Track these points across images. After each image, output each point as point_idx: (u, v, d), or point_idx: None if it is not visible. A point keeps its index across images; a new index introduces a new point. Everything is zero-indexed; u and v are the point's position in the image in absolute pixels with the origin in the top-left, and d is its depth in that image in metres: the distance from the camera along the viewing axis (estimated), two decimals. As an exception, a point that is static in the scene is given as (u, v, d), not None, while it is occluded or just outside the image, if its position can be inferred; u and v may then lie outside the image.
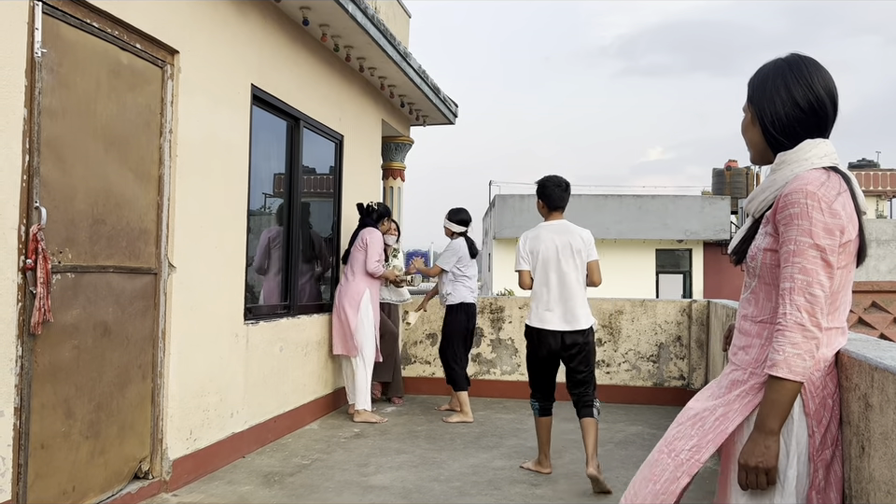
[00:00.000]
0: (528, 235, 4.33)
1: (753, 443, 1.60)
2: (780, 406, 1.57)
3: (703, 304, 6.64)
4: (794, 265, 1.58)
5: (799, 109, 1.69)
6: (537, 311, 4.25)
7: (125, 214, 3.52)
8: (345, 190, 6.42)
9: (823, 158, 1.66)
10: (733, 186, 23.44)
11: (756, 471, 1.58)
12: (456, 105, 8.65)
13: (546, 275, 4.24)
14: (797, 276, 1.57)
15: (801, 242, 1.57)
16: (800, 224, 1.57)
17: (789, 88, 1.70)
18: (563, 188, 4.35)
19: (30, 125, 2.91)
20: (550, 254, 4.24)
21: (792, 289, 1.58)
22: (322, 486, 4.01)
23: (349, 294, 5.75)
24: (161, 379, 3.80)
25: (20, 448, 2.88)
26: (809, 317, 1.55)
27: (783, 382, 1.56)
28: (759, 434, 1.59)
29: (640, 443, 5.16)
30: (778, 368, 1.56)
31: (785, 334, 1.57)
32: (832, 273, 1.57)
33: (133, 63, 3.56)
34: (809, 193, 1.58)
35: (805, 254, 1.57)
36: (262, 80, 4.82)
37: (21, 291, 2.87)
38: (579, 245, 4.24)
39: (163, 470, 3.80)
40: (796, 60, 1.73)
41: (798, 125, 1.70)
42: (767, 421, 1.58)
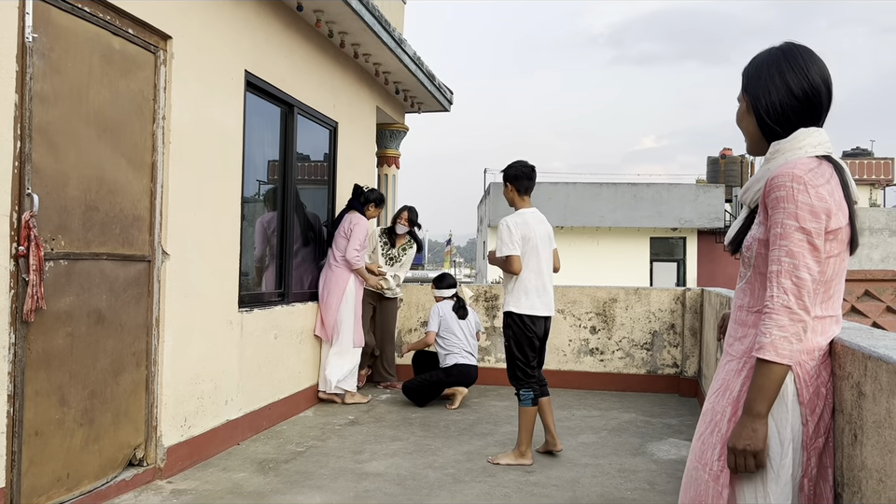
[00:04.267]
0: (516, 221, 4.30)
1: (741, 427, 1.60)
2: (768, 389, 1.57)
3: (697, 292, 6.66)
4: (781, 248, 1.58)
5: (794, 98, 1.68)
6: (527, 298, 4.25)
7: (118, 201, 3.50)
8: (339, 178, 6.40)
9: (817, 147, 1.66)
10: (727, 174, 23.44)
11: (744, 454, 1.58)
12: (451, 92, 8.61)
13: (537, 262, 4.27)
14: (784, 259, 1.57)
15: (787, 225, 1.57)
16: (786, 207, 1.58)
17: (784, 76, 1.69)
18: (530, 170, 4.43)
19: (21, 111, 2.88)
20: (538, 241, 4.28)
21: (779, 272, 1.58)
22: (317, 473, 4.03)
23: (333, 281, 5.75)
24: (155, 366, 3.79)
25: (13, 435, 2.87)
26: (796, 300, 1.55)
27: (770, 365, 1.56)
28: (746, 417, 1.60)
29: (634, 430, 5.19)
30: (765, 351, 1.56)
31: (772, 317, 1.57)
32: (819, 257, 1.57)
33: (125, 48, 3.53)
34: (795, 177, 1.58)
35: (791, 237, 1.57)
36: (256, 66, 4.79)
37: (13, 278, 2.85)
38: (551, 234, 4.44)
39: (158, 457, 3.80)
40: (791, 48, 1.73)
41: (793, 114, 1.69)
42: (755, 405, 1.58)
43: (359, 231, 5.74)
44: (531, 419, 4.27)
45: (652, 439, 4.96)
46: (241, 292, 4.66)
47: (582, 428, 5.22)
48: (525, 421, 4.27)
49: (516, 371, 4.30)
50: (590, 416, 5.64)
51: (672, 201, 21.32)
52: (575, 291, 6.87)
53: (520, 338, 4.27)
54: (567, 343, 6.81)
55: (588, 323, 6.86)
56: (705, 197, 21.35)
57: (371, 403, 5.96)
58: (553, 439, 4.43)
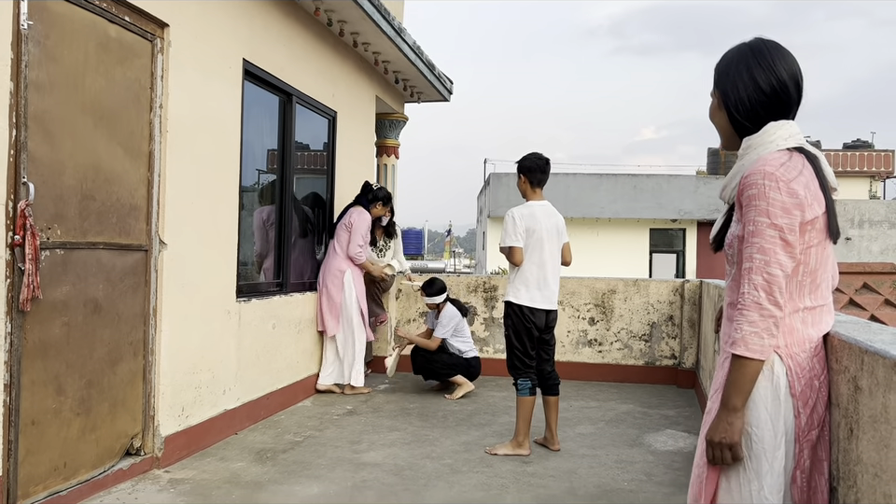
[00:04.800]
0: (522, 213, 4.29)
1: (717, 420, 1.63)
2: (741, 384, 1.60)
3: (695, 284, 6.65)
4: (753, 245, 1.60)
5: (762, 93, 1.71)
6: (527, 290, 4.25)
7: (115, 190, 3.48)
8: (338, 167, 6.38)
9: (788, 139, 1.68)
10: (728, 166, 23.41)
11: (720, 447, 1.62)
12: (451, 82, 8.57)
13: (540, 255, 4.26)
14: (755, 256, 1.60)
15: (759, 222, 1.59)
16: (758, 205, 1.60)
17: (751, 72, 1.72)
18: (545, 163, 4.40)
19: (16, 99, 2.86)
20: (543, 234, 4.27)
21: (751, 269, 1.60)
22: (314, 463, 4.03)
23: (331, 272, 5.78)
24: (152, 356, 3.79)
25: (10, 425, 2.87)
26: (767, 296, 1.57)
27: (742, 360, 1.59)
28: (723, 411, 1.63)
29: (631, 422, 5.19)
30: (737, 346, 1.60)
31: (743, 313, 1.60)
32: (792, 252, 1.59)
33: (121, 36, 3.50)
34: (767, 174, 1.60)
35: (762, 234, 1.59)
36: (254, 55, 4.76)
37: (9, 268, 2.84)
38: (561, 228, 4.43)
39: (155, 447, 3.80)
40: (759, 44, 1.75)
41: (762, 109, 1.71)
42: (730, 399, 1.62)
43: (361, 226, 5.75)
44: (529, 409, 4.27)
45: (650, 430, 4.97)
46: (239, 282, 4.65)
47: (580, 419, 5.22)
48: (523, 411, 4.27)
49: (514, 361, 4.30)
50: (588, 407, 5.65)
51: (672, 192, 21.31)
52: (574, 282, 6.86)
53: (518, 328, 4.27)
54: (565, 333, 6.81)
55: (587, 314, 6.86)
56: (705, 188, 21.33)
57: (369, 394, 5.97)
58: (553, 437, 4.42)
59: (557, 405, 4.45)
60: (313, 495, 3.53)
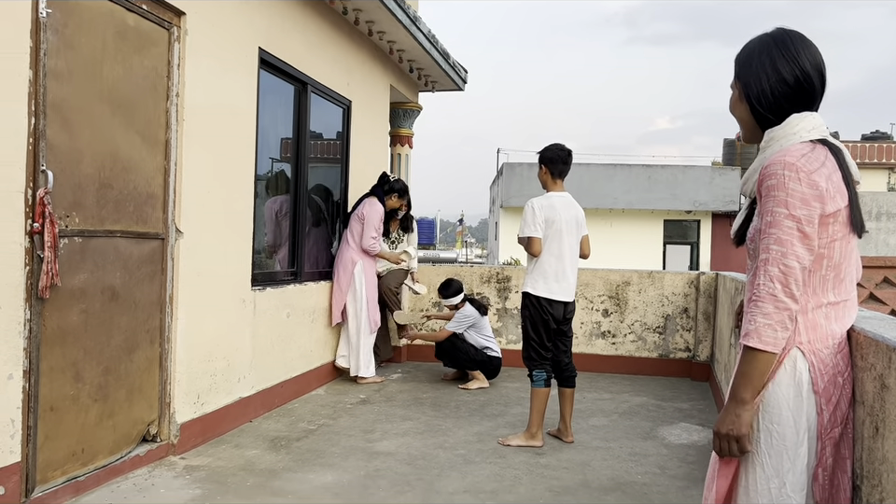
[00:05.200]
0: (542, 203, 4.27)
1: (725, 412, 1.62)
2: (752, 377, 1.58)
3: (711, 276, 6.61)
4: (770, 236, 1.58)
5: (785, 85, 1.67)
6: (545, 281, 4.24)
7: (132, 178, 3.49)
8: (353, 156, 6.37)
9: (812, 131, 1.65)
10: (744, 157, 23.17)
11: (728, 439, 1.61)
12: (466, 71, 8.52)
13: (559, 247, 4.24)
14: (772, 247, 1.57)
15: (777, 213, 1.57)
16: (776, 195, 1.57)
17: (774, 63, 1.68)
18: (567, 154, 4.37)
19: (35, 87, 2.87)
20: (562, 226, 4.24)
21: (767, 260, 1.58)
22: (328, 451, 4.05)
23: (343, 262, 5.80)
24: (168, 344, 3.81)
25: (29, 410, 2.90)
26: (783, 288, 1.55)
27: (755, 352, 1.57)
28: (731, 403, 1.61)
29: (645, 414, 5.18)
30: (750, 338, 1.57)
31: (758, 304, 1.57)
32: (810, 245, 1.56)
33: (139, 24, 3.50)
34: (787, 164, 1.57)
35: (780, 225, 1.56)
36: (270, 44, 4.75)
37: (28, 255, 2.86)
38: (581, 220, 4.40)
39: (171, 434, 3.83)
40: (782, 34, 1.71)
41: (785, 101, 1.68)
42: (739, 391, 1.60)
43: (374, 217, 5.77)
44: (543, 401, 4.26)
45: (664, 423, 4.95)
46: (254, 271, 4.67)
47: (593, 411, 5.21)
48: (537, 402, 4.26)
49: (530, 352, 4.30)
50: (601, 399, 5.64)
51: (687, 183, 21.14)
52: (588, 274, 6.83)
53: (535, 319, 4.26)
54: (579, 325, 6.79)
55: (600, 306, 6.83)
56: (720, 179, 21.15)
57: (382, 383, 5.98)
58: (566, 429, 4.41)
59: (573, 397, 4.44)
60: (327, 483, 3.55)
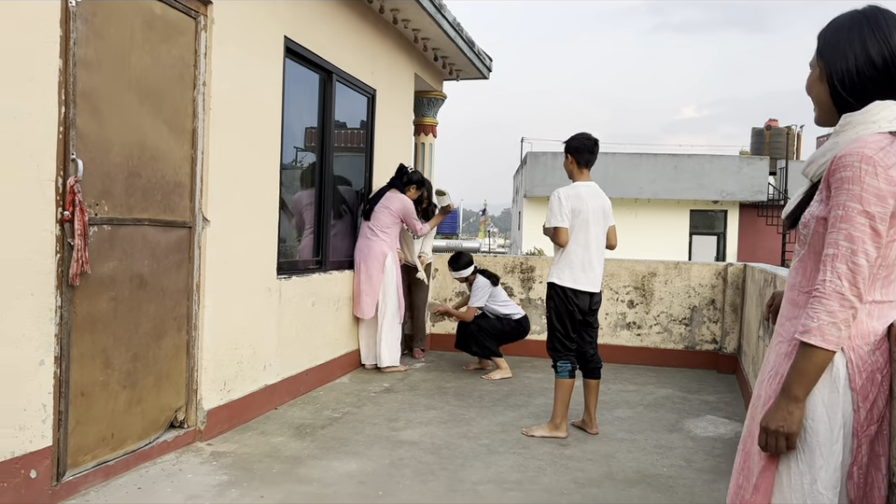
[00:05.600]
0: (568, 193, 4.22)
1: (776, 407, 1.56)
2: (808, 374, 1.53)
3: (739, 268, 6.51)
4: (840, 231, 1.51)
5: (873, 67, 1.58)
6: (571, 271, 4.20)
7: (160, 167, 3.52)
8: (377, 146, 6.37)
9: (893, 121, 1.56)
10: (772, 146, 22.80)
11: (776, 435, 1.55)
12: (491, 59, 8.46)
13: (585, 237, 4.20)
14: (842, 243, 1.50)
15: (850, 207, 1.50)
16: (850, 189, 1.50)
17: (864, 43, 1.58)
18: (593, 144, 4.32)
19: (65, 76, 2.90)
20: (589, 216, 4.20)
21: (836, 256, 1.51)
22: (352, 440, 4.07)
23: (373, 253, 5.77)
24: (195, 331, 3.85)
25: (60, 396, 2.95)
26: (850, 286, 1.49)
27: (814, 349, 1.51)
28: (783, 399, 1.55)
29: (671, 406, 5.13)
30: (811, 335, 1.51)
31: (822, 301, 1.51)
32: (879, 242, 1.50)
33: (166, 13, 3.52)
34: (864, 157, 1.49)
35: (852, 220, 1.49)
36: (295, 33, 4.75)
37: (59, 243, 2.90)
38: (608, 210, 4.36)
39: (198, 420, 3.88)
40: (875, 12, 1.61)
41: (870, 84, 1.59)
42: (793, 387, 1.54)
43: (410, 209, 5.95)
44: (567, 392, 4.24)
45: (689, 415, 4.90)
46: (279, 259, 4.69)
47: (618, 403, 5.18)
48: (562, 393, 4.24)
49: (555, 343, 4.27)
50: (626, 391, 5.60)
51: (714, 172, 20.86)
52: (613, 264, 6.77)
53: (560, 309, 4.23)
54: (603, 316, 6.74)
55: (626, 297, 6.77)
56: (748, 169, 20.83)
57: (406, 372, 6.00)
58: (591, 421, 4.39)
59: (598, 389, 4.42)
60: (351, 471, 3.57)
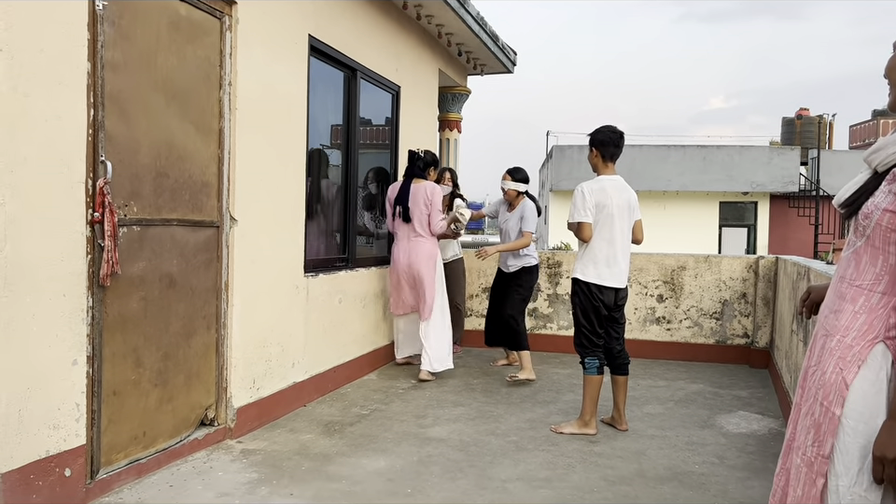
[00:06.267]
0: (592, 187, 4.15)
1: (888, 434, 1.44)
2: None
3: (771, 261, 6.39)
4: None
5: None
6: (595, 267, 4.15)
7: (187, 167, 3.55)
8: (402, 142, 6.36)
9: None
10: (803, 136, 22.34)
11: (894, 464, 1.43)
12: (515, 53, 8.41)
13: (610, 231, 4.14)
14: None
15: None
16: None
17: None
18: (619, 137, 4.22)
19: (93, 79, 2.93)
20: (614, 210, 4.13)
21: None
22: (381, 437, 4.08)
23: (423, 255, 5.46)
24: (224, 330, 3.88)
25: (93, 395, 2.99)
26: None
27: None
28: (893, 423, 1.44)
29: (702, 402, 5.05)
30: None
31: None
32: None
33: (191, 14, 3.54)
34: None
35: None
36: (319, 31, 4.75)
37: (89, 244, 2.94)
38: (634, 204, 4.27)
39: (228, 418, 3.91)
40: None
41: None
42: None
43: (438, 200, 5.54)
44: (596, 388, 4.20)
45: (721, 411, 4.82)
46: (306, 257, 4.71)
47: (648, 399, 5.12)
48: (590, 390, 4.20)
49: (582, 339, 4.23)
50: (656, 386, 5.53)
51: (744, 164, 20.51)
52: (642, 258, 6.69)
53: (585, 305, 4.18)
54: (632, 311, 6.67)
55: (655, 291, 6.69)
56: (779, 160, 20.44)
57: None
58: (620, 417, 4.34)
59: (626, 385, 4.36)
60: (380, 468, 3.57)
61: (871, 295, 1.52)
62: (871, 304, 1.52)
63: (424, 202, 5.45)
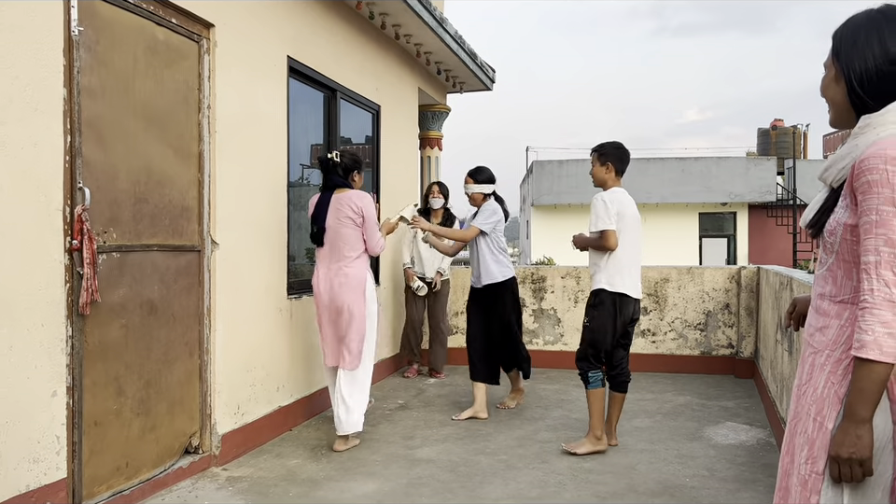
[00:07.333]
0: (612, 197, 4.07)
1: (844, 433, 1.48)
2: (871, 391, 1.45)
3: (753, 271, 6.44)
4: (878, 237, 1.45)
5: (893, 65, 1.53)
6: (621, 277, 4.06)
7: (167, 192, 3.51)
8: (383, 161, 6.35)
9: None
10: (779, 146, 22.69)
11: (850, 463, 1.47)
12: (493, 71, 8.46)
13: (629, 241, 4.08)
14: (882, 249, 1.45)
15: (883, 211, 1.44)
16: (880, 192, 1.45)
17: (884, 42, 1.54)
18: (629, 155, 4.24)
19: (70, 105, 2.89)
20: (630, 221, 4.09)
21: (878, 263, 1.45)
22: (369, 460, 4.02)
23: (350, 283, 4.18)
24: (207, 355, 3.82)
25: (73, 426, 2.92)
26: None
27: (872, 364, 1.44)
28: (849, 423, 1.47)
29: (690, 414, 5.05)
30: (868, 349, 1.44)
31: (873, 312, 1.44)
32: None
33: (168, 38, 3.52)
34: (889, 158, 1.45)
35: (889, 224, 1.44)
36: (298, 52, 4.75)
37: (68, 272, 2.89)
38: (639, 218, 4.23)
39: (213, 445, 3.84)
40: (892, 10, 1.57)
41: (890, 84, 1.54)
42: (858, 409, 1.46)
43: (372, 209, 4.29)
44: (601, 401, 4.11)
45: (709, 423, 4.83)
46: (289, 279, 4.67)
47: (636, 412, 5.11)
48: (597, 404, 4.10)
49: (588, 353, 4.11)
50: (643, 399, 5.52)
51: (721, 175, 20.77)
52: (625, 271, 6.71)
53: (605, 318, 4.06)
54: (617, 324, 6.67)
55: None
56: (755, 170, 20.73)
57: (420, 387, 5.94)
58: (611, 432, 4.29)
59: (622, 402, 4.30)
60: (369, 492, 3.52)
61: (854, 308, 1.53)
62: (856, 316, 1.53)
63: (349, 215, 4.20)
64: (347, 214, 4.20)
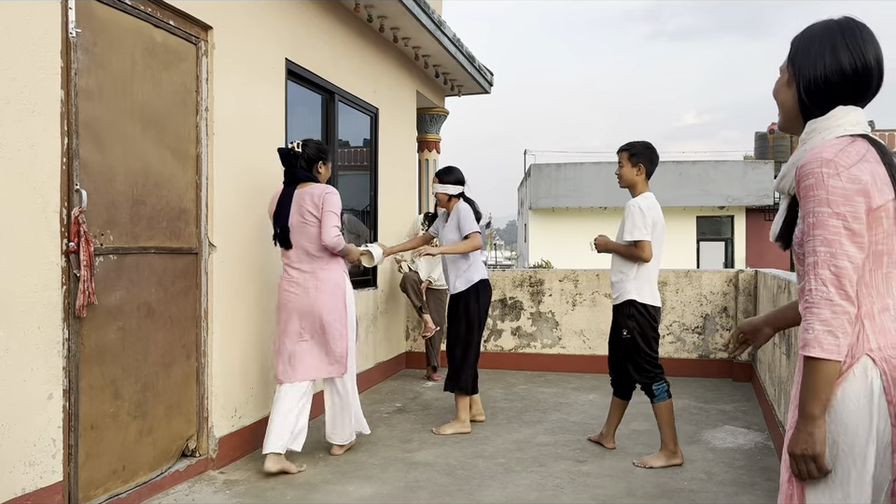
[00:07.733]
0: (648, 204, 3.97)
1: (797, 431, 1.51)
2: (818, 389, 1.48)
3: (750, 274, 6.45)
4: (816, 238, 1.49)
5: (842, 75, 1.57)
6: (651, 287, 3.99)
7: (164, 194, 3.50)
8: (381, 164, 6.35)
9: (856, 125, 1.55)
10: (776, 150, 22.77)
11: (803, 460, 1.50)
12: (491, 74, 8.47)
13: (660, 250, 4.01)
14: (820, 249, 1.48)
15: (819, 213, 1.48)
16: (816, 194, 1.48)
17: (837, 52, 1.57)
18: (658, 154, 4.13)
19: (67, 107, 2.88)
20: (661, 230, 3.99)
21: (816, 263, 1.48)
22: (367, 463, 4.01)
23: (327, 287, 3.91)
24: (205, 358, 3.81)
25: (69, 429, 2.91)
26: (837, 291, 1.46)
27: (817, 362, 1.47)
28: (800, 420, 1.51)
29: (687, 417, 5.05)
30: (810, 348, 1.48)
31: (813, 311, 1.48)
32: (859, 242, 1.48)
33: (166, 40, 3.51)
34: (824, 161, 1.48)
35: (825, 225, 1.47)
36: (296, 54, 4.74)
37: (65, 275, 2.88)
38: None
39: (210, 448, 3.83)
40: (850, 23, 1.61)
41: (836, 93, 1.58)
42: (807, 406, 1.50)
43: (334, 201, 3.91)
44: (671, 413, 3.98)
45: (707, 426, 4.82)
46: (287, 282, 4.65)
47: (634, 415, 5.09)
48: (667, 416, 3.96)
49: (644, 365, 3.99)
50: (641, 402, 5.48)
51: (719, 179, 20.81)
52: (623, 275, 6.71)
53: (645, 329, 3.97)
54: (615, 327, 6.67)
55: (636, 307, 6.70)
56: (753, 174, 20.78)
57: (418, 391, 5.93)
58: (611, 437, 4.29)
59: (625, 408, 4.29)
60: (366, 496, 3.51)
61: None
62: None
63: (311, 211, 3.87)
64: (309, 209, 3.86)
